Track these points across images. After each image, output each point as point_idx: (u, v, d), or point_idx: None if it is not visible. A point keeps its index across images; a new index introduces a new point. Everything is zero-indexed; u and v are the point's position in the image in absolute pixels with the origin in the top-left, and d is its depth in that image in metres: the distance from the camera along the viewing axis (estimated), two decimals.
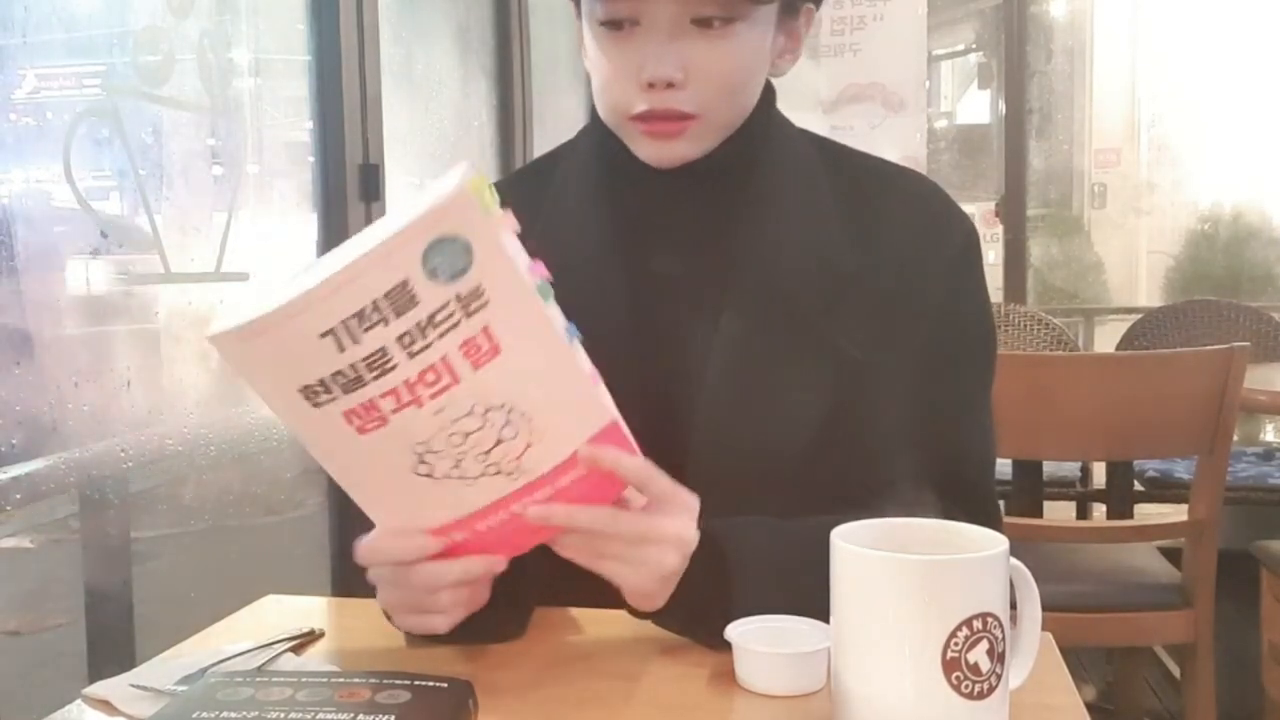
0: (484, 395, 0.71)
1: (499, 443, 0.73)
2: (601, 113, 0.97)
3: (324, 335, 0.66)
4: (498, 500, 0.77)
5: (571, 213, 1.00)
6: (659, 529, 0.80)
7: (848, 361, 0.94)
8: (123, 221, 1.43)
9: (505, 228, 0.69)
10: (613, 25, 0.90)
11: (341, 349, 0.67)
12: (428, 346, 0.68)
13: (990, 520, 0.77)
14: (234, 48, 1.69)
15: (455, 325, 0.67)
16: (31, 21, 1.29)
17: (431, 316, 0.67)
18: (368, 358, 0.67)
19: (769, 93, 1.00)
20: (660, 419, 0.91)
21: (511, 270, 0.68)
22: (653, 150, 0.94)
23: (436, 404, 0.70)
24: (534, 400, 0.72)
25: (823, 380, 0.93)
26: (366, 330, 0.66)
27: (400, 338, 0.67)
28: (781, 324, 0.94)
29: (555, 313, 0.72)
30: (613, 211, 0.99)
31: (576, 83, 3.42)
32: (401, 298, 0.66)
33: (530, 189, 1.04)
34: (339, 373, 0.68)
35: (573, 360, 0.73)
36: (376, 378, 0.68)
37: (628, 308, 0.97)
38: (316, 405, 0.69)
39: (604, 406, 0.75)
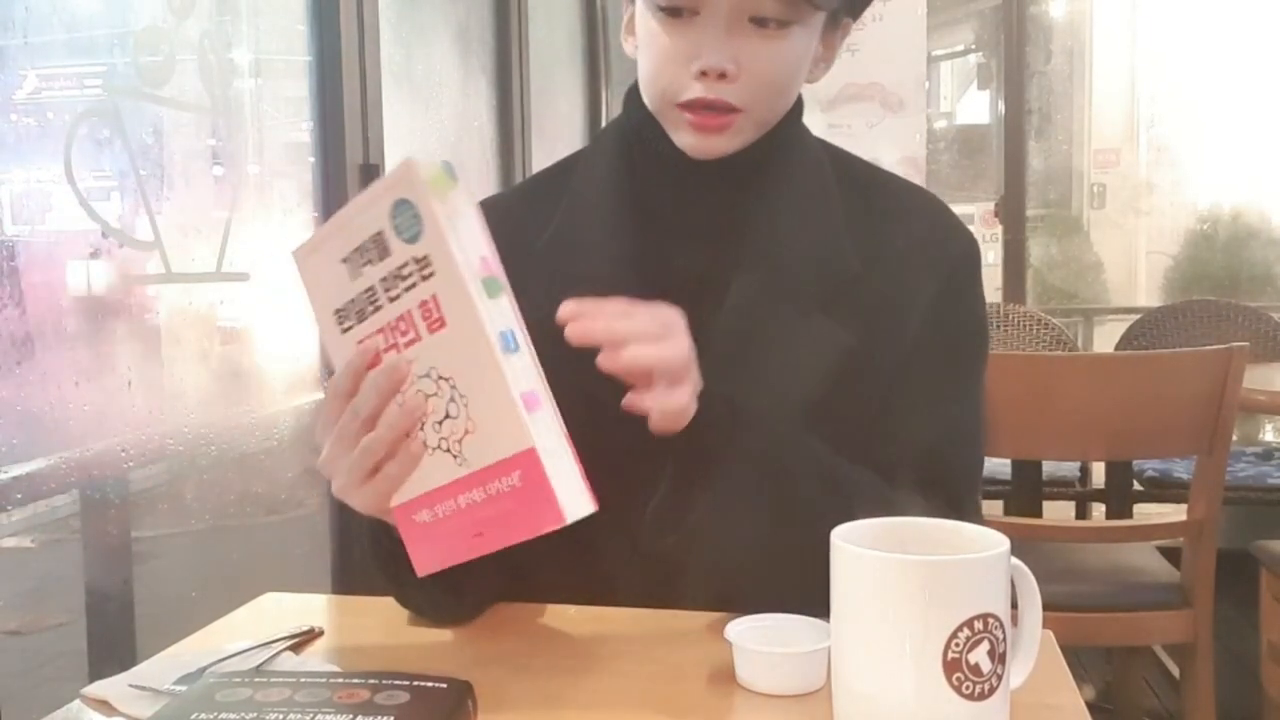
0: (436, 361, 0.75)
1: (448, 416, 0.75)
2: (648, 96, 0.99)
3: (343, 261, 0.78)
4: (448, 484, 0.76)
5: (590, 205, 1.03)
6: (663, 313, 0.83)
7: (844, 347, 0.97)
8: (123, 222, 1.43)
9: (459, 214, 0.73)
10: (672, 12, 0.93)
11: (353, 278, 0.78)
12: (397, 297, 0.76)
13: (967, 516, 0.79)
14: (234, 48, 1.69)
15: (414, 285, 0.74)
16: (32, 22, 1.29)
17: (399, 270, 0.75)
18: (366, 292, 0.77)
19: (798, 103, 1.04)
20: None
21: (450, 253, 0.72)
22: (695, 141, 0.97)
23: (409, 354, 0.76)
24: (468, 387, 0.74)
25: (820, 365, 0.97)
26: (364, 266, 0.76)
27: (382, 280, 0.76)
28: (782, 312, 0.98)
29: (498, 313, 0.72)
30: (631, 201, 1.02)
31: (575, 84, 3.42)
32: (379, 246, 0.75)
33: (548, 186, 1.08)
34: (352, 300, 0.78)
35: (497, 369, 0.71)
36: (371, 313, 0.78)
37: (638, 293, 0.98)
38: (344, 331, 0.80)
39: (522, 432, 0.71)
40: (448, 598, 0.93)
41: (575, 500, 0.72)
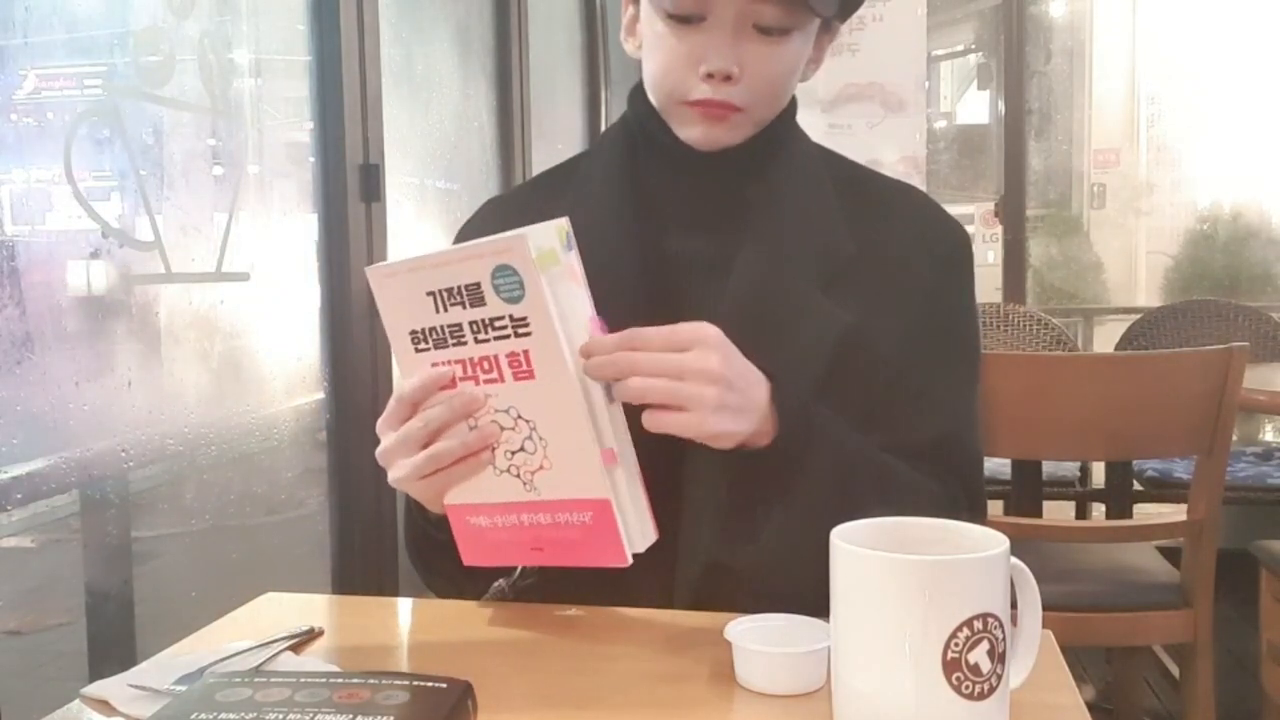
0: (518, 403, 0.84)
1: (522, 449, 0.85)
2: (654, 95, 1.04)
3: (428, 295, 0.84)
4: (512, 503, 0.87)
5: (596, 194, 1.08)
6: (682, 361, 0.84)
7: (844, 327, 0.99)
8: (123, 222, 1.43)
9: (562, 282, 0.81)
10: (681, 19, 0.98)
11: (437, 311, 0.84)
12: (487, 341, 0.83)
13: (979, 503, 0.79)
14: (234, 48, 1.69)
15: (506, 337, 0.82)
16: (32, 22, 1.29)
17: (492, 320, 0.82)
18: (450, 326, 0.85)
19: (792, 101, 1.08)
20: None
21: (549, 321, 0.80)
22: (700, 132, 1.01)
23: (486, 390, 0.85)
24: (550, 432, 0.84)
25: (822, 345, 0.99)
26: (451, 305, 0.84)
27: (471, 323, 0.83)
28: (783, 295, 1.01)
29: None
30: (635, 192, 1.06)
31: (575, 84, 3.42)
32: (475, 295, 0.82)
33: (556, 180, 1.13)
34: (432, 329, 0.85)
35: (584, 429, 0.82)
36: (453, 345, 0.85)
37: (642, 279, 1.03)
38: (418, 351, 0.87)
39: (601, 485, 0.83)
40: (469, 582, 1.01)
41: (637, 538, 0.85)
